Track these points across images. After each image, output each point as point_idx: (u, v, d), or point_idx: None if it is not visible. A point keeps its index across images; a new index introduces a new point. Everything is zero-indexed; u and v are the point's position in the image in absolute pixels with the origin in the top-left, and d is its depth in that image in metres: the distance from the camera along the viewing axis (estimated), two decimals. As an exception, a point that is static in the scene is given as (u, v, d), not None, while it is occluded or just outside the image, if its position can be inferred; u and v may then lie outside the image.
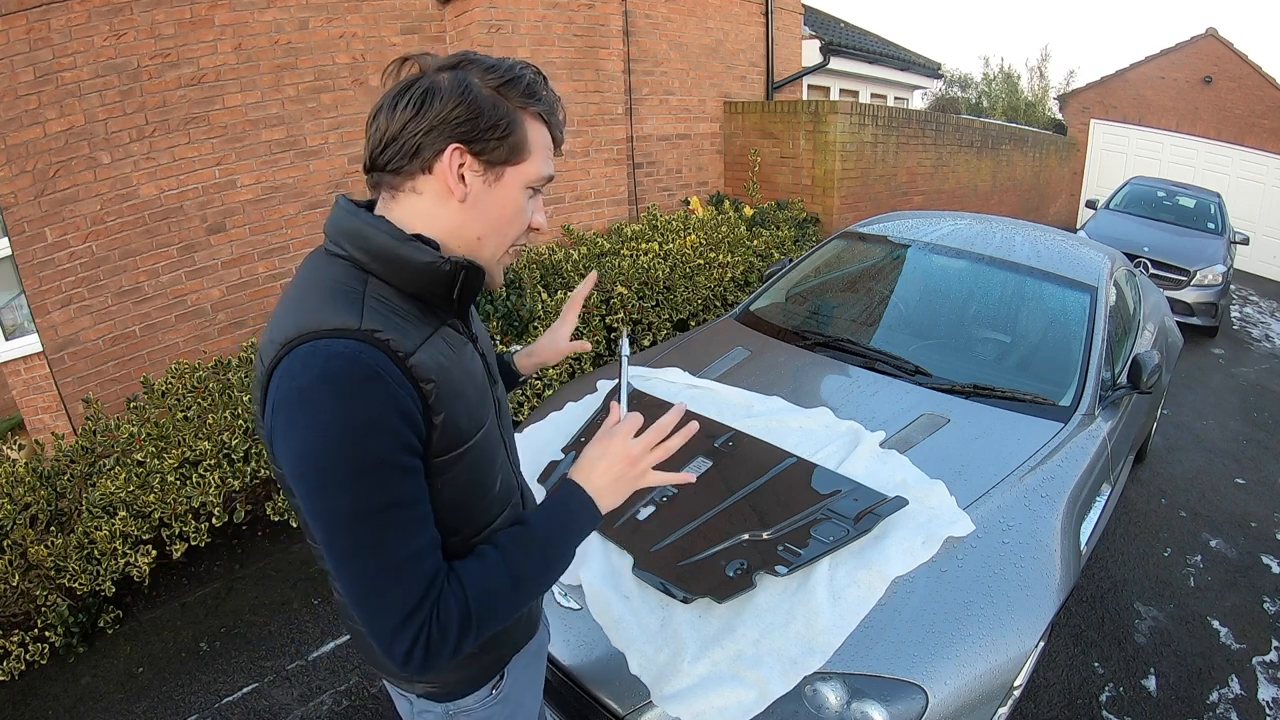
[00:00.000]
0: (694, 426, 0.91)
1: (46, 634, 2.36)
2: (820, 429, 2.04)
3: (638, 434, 0.90)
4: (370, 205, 0.85)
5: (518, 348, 1.31)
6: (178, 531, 2.57)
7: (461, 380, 0.83)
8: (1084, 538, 1.95)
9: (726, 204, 5.72)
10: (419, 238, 0.80)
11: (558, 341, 1.26)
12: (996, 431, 2.07)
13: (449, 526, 0.84)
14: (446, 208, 0.81)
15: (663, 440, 0.89)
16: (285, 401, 0.71)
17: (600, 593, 1.60)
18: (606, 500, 0.89)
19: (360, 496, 0.70)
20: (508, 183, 0.83)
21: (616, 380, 0.99)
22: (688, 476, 0.94)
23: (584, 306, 3.76)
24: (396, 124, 0.78)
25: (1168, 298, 4.15)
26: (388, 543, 0.72)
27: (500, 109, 0.80)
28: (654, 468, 0.90)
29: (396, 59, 0.83)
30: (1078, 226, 9.21)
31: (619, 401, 0.95)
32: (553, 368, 3.58)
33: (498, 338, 3.50)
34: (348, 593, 0.74)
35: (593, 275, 1.26)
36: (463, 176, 0.80)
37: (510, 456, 0.99)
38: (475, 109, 0.78)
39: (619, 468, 0.88)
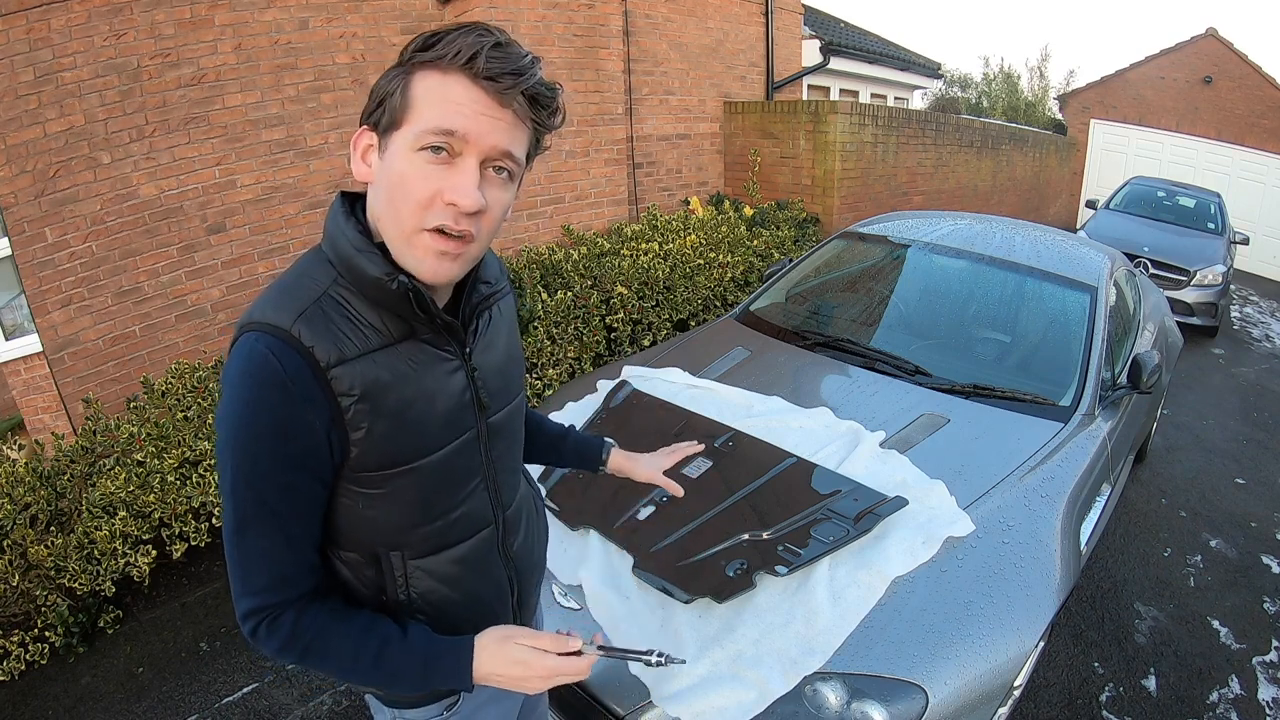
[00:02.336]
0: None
1: (46, 634, 2.36)
2: (820, 429, 2.04)
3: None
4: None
5: (612, 442, 1.24)
6: (178, 531, 2.57)
7: (407, 401, 0.78)
8: (1084, 538, 1.95)
9: (726, 204, 5.72)
10: (384, 246, 0.77)
11: (655, 470, 1.21)
12: (996, 431, 2.07)
13: (387, 540, 0.84)
14: (369, 193, 0.79)
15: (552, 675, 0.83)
16: (222, 380, 0.77)
17: (600, 593, 1.60)
18: (484, 680, 0.83)
19: (239, 482, 0.75)
20: (393, 149, 0.74)
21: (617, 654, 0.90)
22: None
23: (584, 306, 3.76)
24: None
25: (1168, 298, 4.15)
26: (250, 531, 0.76)
27: (388, 75, 0.75)
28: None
29: None
30: (1078, 226, 9.21)
31: (594, 645, 0.87)
32: (552, 368, 3.58)
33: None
34: (225, 546, 0.80)
35: (698, 446, 1.24)
36: (371, 159, 0.78)
37: (496, 487, 0.92)
38: (375, 87, 0.76)
39: (516, 672, 0.82)
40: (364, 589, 0.86)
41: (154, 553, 2.52)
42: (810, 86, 8.18)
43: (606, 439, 1.24)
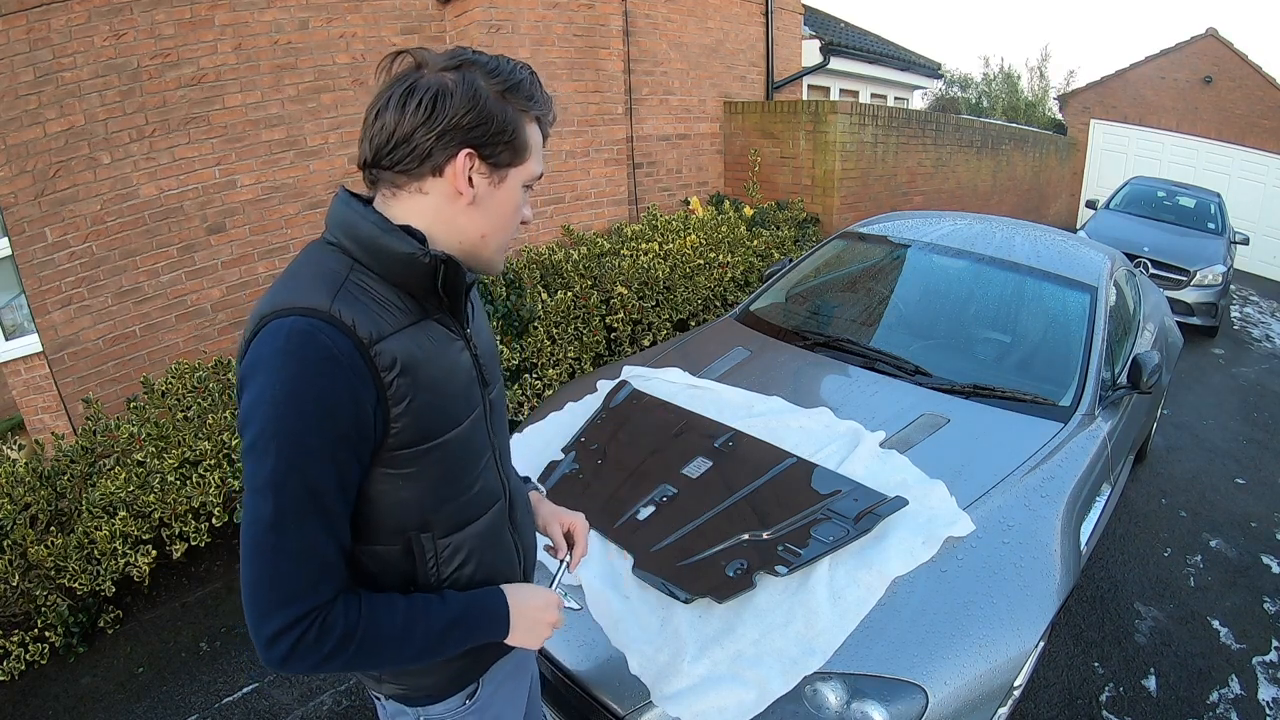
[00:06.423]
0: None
1: (46, 634, 2.36)
2: (820, 429, 2.04)
3: None
4: (369, 200, 0.86)
5: (541, 489, 1.24)
6: (178, 531, 2.57)
7: (437, 376, 0.83)
8: (1084, 538, 1.95)
9: (726, 204, 5.72)
10: (406, 229, 0.82)
11: (551, 520, 1.17)
12: (996, 431, 2.07)
13: (417, 522, 0.86)
14: (453, 207, 0.83)
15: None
16: (247, 369, 0.74)
17: (600, 593, 1.60)
18: (518, 625, 0.93)
19: (282, 467, 0.72)
20: (510, 183, 0.85)
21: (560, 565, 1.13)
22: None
23: (584, 306, 3.76)
24: (407, 126, 0.78)
25: (1168, 298, 4.15)
26: (296, 522, 0.73)
27: (507, 114, 0.82)
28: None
29: (390, 53, 0.83)
30: (1078, 226, 9.21)
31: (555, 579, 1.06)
32: (552, 368, 3.58)
33: (498, 338, 3.50)
34: (242, 560, 0.74)
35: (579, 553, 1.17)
36: (470, 179, 0.82)
37: (500, 463, 0.99)
38: (486, 115, 0.81)
39: (546, 618, 0.96)
40: (391, 581, 0.87)
41: (154, 553, 2.52)
42: (810, 86, 8.18)
43: (531, 480, 1.24)
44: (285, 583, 0.73)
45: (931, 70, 10.90)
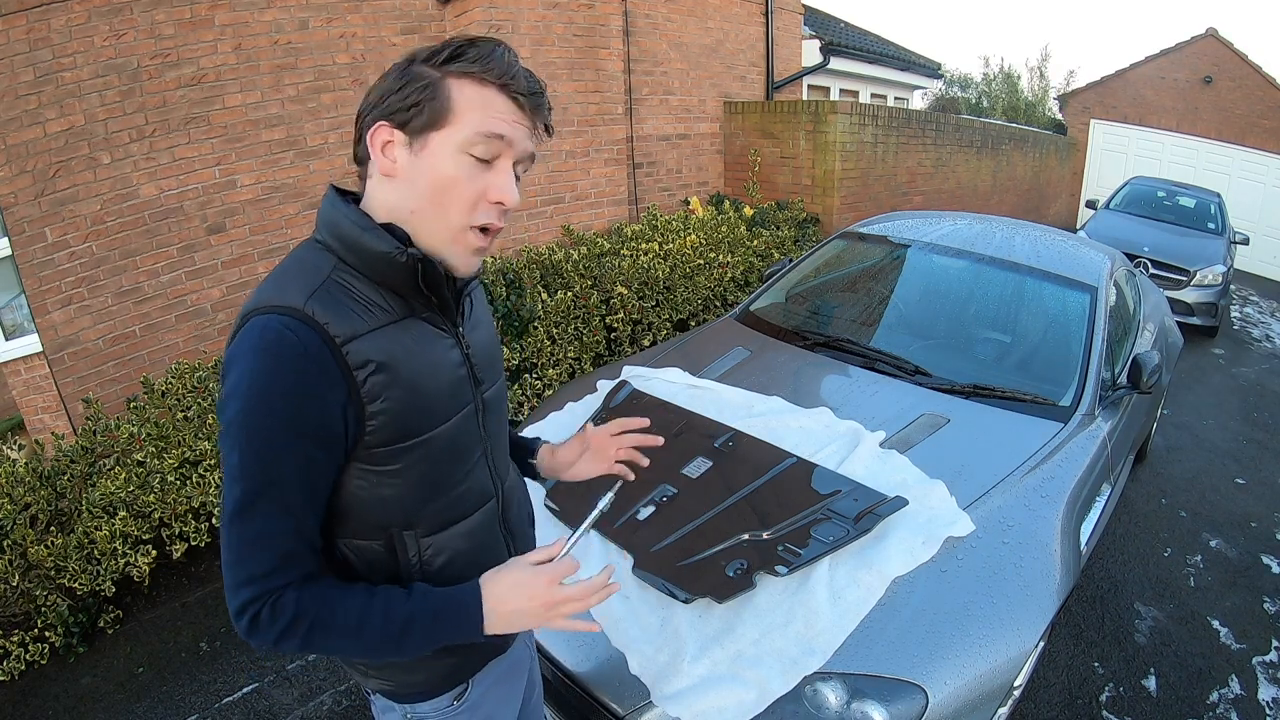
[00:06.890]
0: (616, 587, 0.90)
1: (46, 634, 2.36)
2: (820, 429, 2.04)
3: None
4: (359, 197, 0.87)
5: (543, 441, 1.18)
6: (178, 531, 2.57)
7: (417, 374, 0.82)
8: (1084, 538, 1.95)
9: (726, 204, 5.72)
10: (388, 227, 0.81)
11: (577, 469, 1.14)
12: (996, 431, 2.07)
13: (400, 519, 0.86)
14: (384, 186, 0.82)
15: (586, 597, 0.86)
16: (227, 363, 0.77)
17: (600, 593, 1.60)
18: (498, 624, 0.84)
19: (248, 458, 0.74)
20: (434, 149, 0.79)
21: (580, 526, 0.91)
22: (592, 626, 0.93)
23: (584, 306, 3.76)
24: (358, 117, 0.83)
25: (1168, 298, 4.15)
26: (256, 510, 0.75)
27: (420, 76, 0.79)
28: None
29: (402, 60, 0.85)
30: (1078, 226, 9.21)
31: (568, 539, 0.89)
32: (552, 368, 3.58)
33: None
34: (221, 536, 0.78)
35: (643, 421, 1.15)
36: (394, 154, 0.81)
37: (494, 461, 0.97)
38: (397, 83, 0.80)
39: (533, 606, 0.84)
40: (377, 576, 0.87)
41: (154, 553, 2.52)
42: (810, 86, 8.18)
43: (539, 438, 1.20)
44: (245, 566, 0.76)
45: (931, 70, 10.90)
